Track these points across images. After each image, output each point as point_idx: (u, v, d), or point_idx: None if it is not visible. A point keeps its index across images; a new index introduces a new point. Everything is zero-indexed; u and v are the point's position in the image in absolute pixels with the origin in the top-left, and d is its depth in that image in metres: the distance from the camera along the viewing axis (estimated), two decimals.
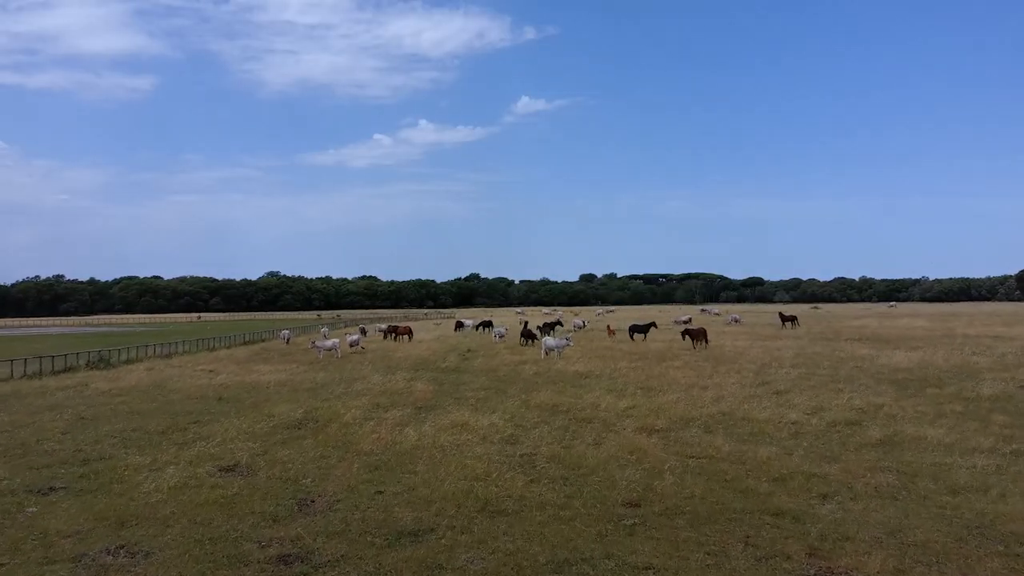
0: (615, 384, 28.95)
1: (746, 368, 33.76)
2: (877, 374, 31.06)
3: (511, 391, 27.55)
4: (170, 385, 31.80)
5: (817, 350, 42.88)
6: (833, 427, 19.41)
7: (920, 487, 13.49)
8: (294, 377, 33.99)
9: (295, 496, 13.25)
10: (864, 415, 21.07)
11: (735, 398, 24.50)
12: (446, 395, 26.91)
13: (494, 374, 33.99)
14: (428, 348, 50.17)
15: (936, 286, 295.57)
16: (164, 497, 13.23)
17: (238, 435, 19.10)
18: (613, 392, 26.37)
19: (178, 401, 26.92)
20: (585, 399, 24.71)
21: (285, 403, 24.90)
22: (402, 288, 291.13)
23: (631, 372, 33.09)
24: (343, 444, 17.75)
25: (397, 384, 29.76)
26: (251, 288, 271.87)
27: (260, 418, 21.78)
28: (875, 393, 25.28)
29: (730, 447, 16.71)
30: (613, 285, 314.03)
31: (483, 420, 20.18)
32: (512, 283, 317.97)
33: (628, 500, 12.66)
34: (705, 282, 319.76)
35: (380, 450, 16.97)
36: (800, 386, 27.26)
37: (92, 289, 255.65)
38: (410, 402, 25.11)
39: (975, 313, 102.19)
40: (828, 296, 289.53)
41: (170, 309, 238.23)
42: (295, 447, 17.58)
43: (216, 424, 20.94)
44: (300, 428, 20.24)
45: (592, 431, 19.17)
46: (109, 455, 17.28)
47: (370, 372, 35.02)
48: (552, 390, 27.23)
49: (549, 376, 32.53)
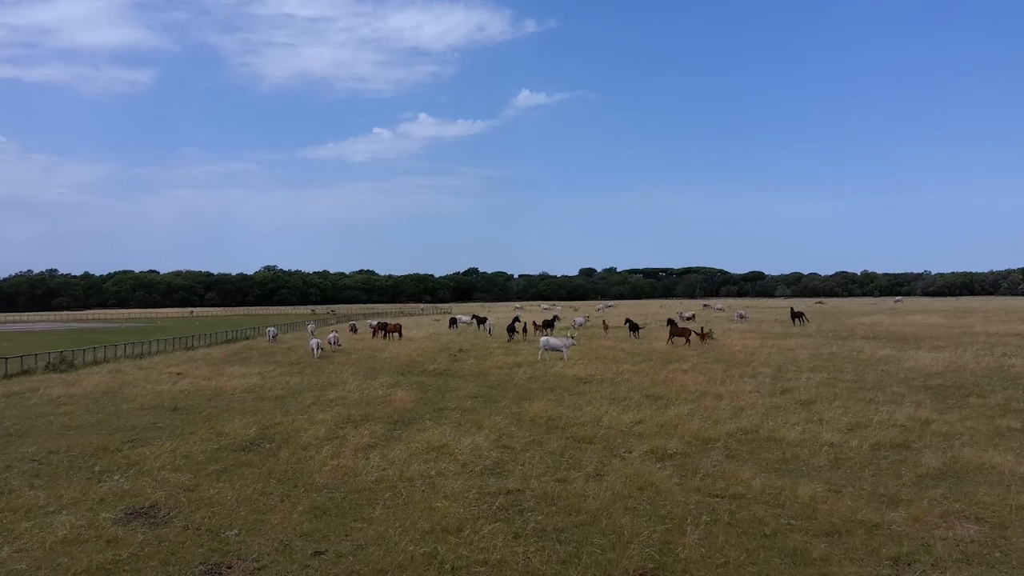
0: (618, 391, 25.92)
1: (761, 372, 30.72)
2: (907, 379, 28.03)
3: (502, 400, 24.50)
4: (127, 392, 28.73)
5: (833, 350, 39.85)
6: (878, 451, 16.38)
7: (1016, 544, 10.47)
8: (265, 382, 30.92)
9: (207, 559, 10.19)
10: (910, 434, 18.03)
11: (756, 410, 21.46)
12: (428, 405, 23.87)
13: (485, 379, 30.95)
14: (418, 348, 47.10)
15: (939, 280, 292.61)
16: (34, 562, 10.17)
17: (171, 461, 16.04)
18: (616, 402, 23.34)
19: (126, 413, 23.86)
20: (585, 411, 21.69)
21: (242, 416, 21.84)
22: (400, 282, 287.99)
23: (635, 376, 30.06)
24: (292, 475, 14.70)
25: (375, 391, 26.71)
26: (247, 283, 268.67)
27: (207, 437, 18.73)
28: (913, 403, 22.25)
29: (761, 481, 13.66)
30: (613, 279, 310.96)
31: (465, 441, 17.12)
32: (511, 277, 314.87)
33: (642, 569, 9.62)
34: (705, 276, 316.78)
35: (335, 484, 13.93)
36: (826, 395, 24.22)
37: (85, 284, 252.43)
38: (386, 415, 22.07)
39: (988, 309, 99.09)
40: (830, 291, 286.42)
41: (165, 304, 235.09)
42: (234, 479, 14.52)
43: (152, 445, 17.87)
44: (249, 451, 17.17)
45: (593, 455, 16.13)
46: (9, 489, 14.22)
47: (349, 376, 31.96)
48: (548, 399, 24.21)
49: (545, 381, 29.50)
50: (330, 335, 50.93)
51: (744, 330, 58.64)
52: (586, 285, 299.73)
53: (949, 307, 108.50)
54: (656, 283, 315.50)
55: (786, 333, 54.59)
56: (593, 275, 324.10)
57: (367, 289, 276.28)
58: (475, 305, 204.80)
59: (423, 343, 51.12)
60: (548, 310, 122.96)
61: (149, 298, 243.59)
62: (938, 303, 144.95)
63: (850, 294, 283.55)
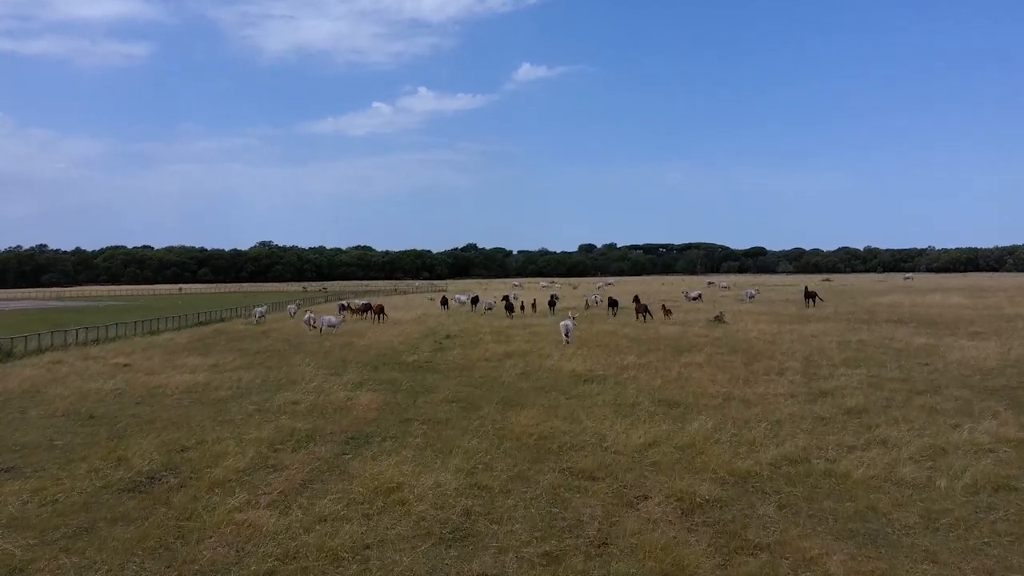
0: (624, 394, 21.71)
1: (788, 367, 26.52)
2: (962, 378, 23.82)
3: (484, 407, 20.28)
4: (49, 391, 24.50)
5: (862, 338, 35.63)
6: (976, 495, 12.14)
7: None
8: (215, 378, 26.70)
9: None
10: (1007, 465, 13.76)
11: (797, 425, 17.26)
12: (395, 414, 19.66)
13: (469, 375, 26.76)
14: (401, 333, 42.85)
15: (943, 256, 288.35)
16: None
17: (22, 511, 11.84)
18: (622, 410, 19.16)
19: (29, 422, 19.66)
20: (584, 425, 17.51)
21: (161, 432, 17.63)
22: (397, 258, 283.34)
23: (643, 372, 25.87)
24: (172, 544, 10.46)
25: (335, 394, 22.48)
26: (240, 258, 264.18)
27: (97, 466, 14.54)
28: (987, 413, 18.03)
29: (842, 561, 9.45)
30: (613, 255, 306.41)
31: (426, 480, 12.91)
32: (510, 253, 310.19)
33: None
34: (706, 252, 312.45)
35: (225, 564, 9.69)
36: (876, 401, 20.01)
37: (75, 259, 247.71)
38: (339, 429, 17.86)
39: (1005, 287, 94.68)
40: (832, 267, 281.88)
41: (156, 280, 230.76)
42: (90, 549, 10.28)
43: (18, 481, 13.66)
44: (138, 493, 12.95)
45: (596, 503, 11.92)
46: None
47: (313, 371, 27.77)
48: (540, 405, 20.05)
49: (538, 379, 25.31)
50: (329, 317, 46.56)
51: (756, 312, 54.34)
52: (586, 261, 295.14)
53: (964, 285, 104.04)
54: (656, 259, 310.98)
55: (803, 316, 50.31)
56: (593, 251, 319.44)
57: (363, 265, 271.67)
58: (472, 282, 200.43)
59: (408, 327, 46.86)
60: (547, 288, 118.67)
61: (141, 274, 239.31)
62: (951, 280, 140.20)
63: (853, 270, 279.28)
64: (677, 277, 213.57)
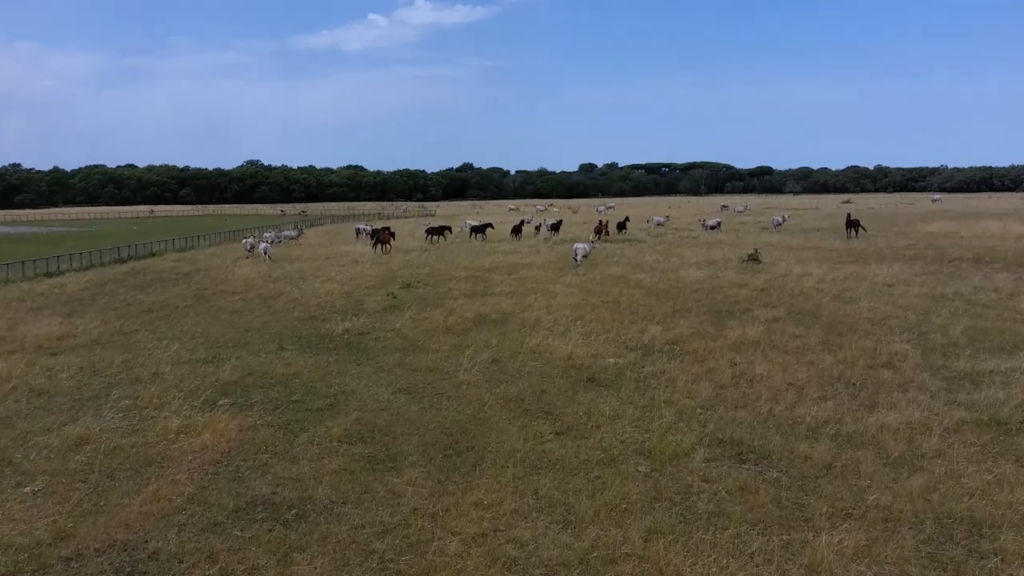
0: (650, 417, 12.69)
1: (897, 351, 17.47)
2: None
3: (407, 464, 11.26)
4: None
5: (958, 290, 26.55)
6: None
7: None
8: (23, 367, 17.62)
9: None
10: None
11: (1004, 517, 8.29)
12: (232, 489, 10.67)
13: (413, 362, 17.71)
14: (348, 279, 33.52)
15: (956, 175, 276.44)
16: None
17: None
18: (657, 469, 10.20)
19: None
20: (587, 532, 8.55)
21: None
22: (389, 179, 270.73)
23: (675, 362, 16.93)
24: None
25: (170, 421, 13.37)
26: (224, 178, 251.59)
27: None
28: None
29: None
30: (614, 176, 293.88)
31: None
32: (507, 174, 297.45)
33: None
34: (711, 172, 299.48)
35: None
36: None
37: (51, 179, 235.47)
38: (93, 538, 8.89)
39: None
40: (842, 186, 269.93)
41: (135, 201, 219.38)
42: None
43: None
44: None
45: None
46: None
47: (178, 352, 18.75)
48: (507, 461, 11.13)
49: (516, 377, 16.22)
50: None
51: (793, 246, 44.87)
52: (586, 182, 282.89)
53: (1001, 209, 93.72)
54: (659, 179, 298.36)
55: (853, 252, 40.85)
56: (593, 171, 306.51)
57: (354, 186, 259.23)
58: (467, 204, 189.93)
59: (362, 270, 37.47)
60: (544, 211, 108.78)
61: (119, 195, 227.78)
62: (982, 201, 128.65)
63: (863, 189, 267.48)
64: (683, 198, 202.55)
